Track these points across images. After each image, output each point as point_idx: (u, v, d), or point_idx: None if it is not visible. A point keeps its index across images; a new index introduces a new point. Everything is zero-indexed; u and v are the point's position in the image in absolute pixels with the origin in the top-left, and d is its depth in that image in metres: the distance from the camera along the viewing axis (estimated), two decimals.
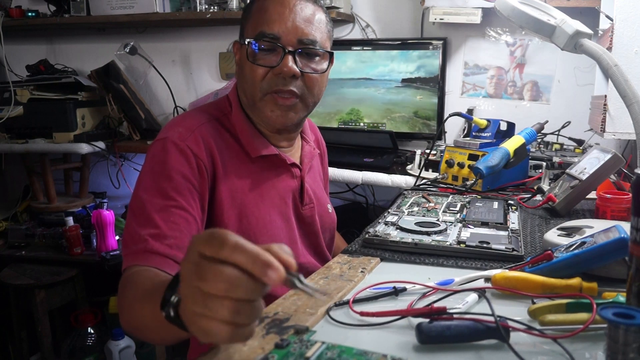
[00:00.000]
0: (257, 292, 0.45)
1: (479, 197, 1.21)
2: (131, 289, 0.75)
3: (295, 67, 0.96)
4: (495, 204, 1.11)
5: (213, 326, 0.45)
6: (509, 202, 1.14)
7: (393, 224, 0.97)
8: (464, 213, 1.05)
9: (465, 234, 0.91)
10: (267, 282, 0.44)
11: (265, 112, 0.99)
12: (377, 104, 2.11)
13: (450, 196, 1.21)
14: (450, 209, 1.08)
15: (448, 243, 0.86)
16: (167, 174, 0.90)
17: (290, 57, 0.95)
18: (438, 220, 0.98)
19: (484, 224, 0.97)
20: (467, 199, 1.17)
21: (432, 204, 1.12)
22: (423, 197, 1.19)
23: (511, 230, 0.93)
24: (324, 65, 1.01)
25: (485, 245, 0.84)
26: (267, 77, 0.97)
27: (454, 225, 0.96)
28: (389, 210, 1.09)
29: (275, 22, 0.96)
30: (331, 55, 1.02)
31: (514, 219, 1.00)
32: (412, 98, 2.05)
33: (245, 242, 0.45)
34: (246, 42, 0.97)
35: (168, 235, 0.84)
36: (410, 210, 1.08)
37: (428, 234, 0.90)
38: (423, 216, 1.03)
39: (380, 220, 1.00)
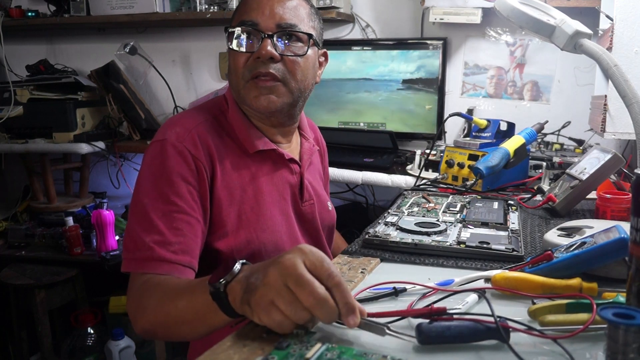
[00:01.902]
0: (332, 319, 0.55)
1: (479, 197, 1.21)
2: (155, 290, 0.80)
3: (273, 50, 0.96)
4: (495, 204, 1.11)
5: (284, 321, 0.55)
6: (509, 202, 1.14)
7: (393, 224, 0.97)
8: (464, 213, 1.05)
9: (465, 234, 0.91)
10: (345, 324, 0.55)
11: (249, 99, 0.99)
12: (380, 116, 2.10)
13: (450, 196, 1.21)
14: (450, 209, 1.08)
15: (448, 243, 0.86)
16: (167, 177, 0.90)
17: (268, 41, 0.96)
18: (438, 220, 0.98)
19: (484, 224, 0.97)
20: (467, 199, 1.17)
21: (432, 204, 1.12)
22: (423, 197, 1.19)
23: (511, 230, 0.93)
24: (305, 49, 1.00)
25: (485, 245, 0.84)
26: (248, 63, 0.98)
27: (454, 226, 0.96)
28: (389, 210, 1.09)
29: (254, 10, 0.98)
30: (310, 37, 1.00)
31: (514, 219, 1.00)
32: (420, 108, 2.04)
33: (343, 281, 0.56)
34: (227, 33, 0.99)
35: (172, 242, 0.86)
36: (410, 210, 1.08)
37: (428, 234, 0.90)
38: (423, 216, 1.03)
39: (380, 221, 1.00)
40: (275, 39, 0.97)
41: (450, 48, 2.08)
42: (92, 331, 2.09)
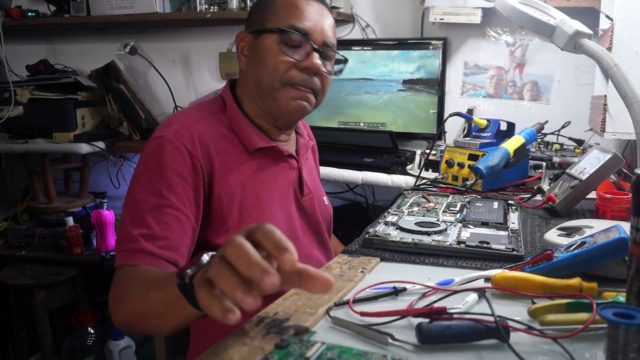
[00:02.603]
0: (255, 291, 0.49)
1: (479, 197, 1.21)
2: (133, 281, 0.79)
3: (321, 64, 1.01)
4: (495, 204, 1.11)
5: (215, 308, 0.50)
6: (509, 202, 1.14)
7: (393, 224, 0.97)
8: (464, 213, 1.05)
9: (465, 234, 0.91)
10: (264, 288, 0.48)
11: (282, 101, 1.01)
12: (380, 116, 2.10)
13: (450, 196, 1.21)
14: (450, 209, 1.08)
15: (448, 243, 0.86)
16: (161, 172, 0.90)
17: (316, 54, 1.00)
18: (438, 220, 0.98)
19: (484, 224, 0.97)
20: (467, 199, 1.17)
21: (432, 204, 1.12)
22: (423, 197, 1.19)
23: (511, 230, 0.93)
24: (334, 68, 1.08)
25: (485, 245, 0.84)
26: (291, 69, 1.00)
27: (454, 225, 0.96)
28: (389, 210, 1.09)
29: (307, 19, 1.00)
30: (343, 62, 1.11)
31: (514, 219, 1.00)
32: (421, 110, 2.03)
33: (247, 247, 0.49)
34: (276, 30, 0.99)
35: (159, 237, 0.86)
36: (410, 210, 1.08)
37: (428, 234, 0.90)
38: (423, 216, 1.03)
39: (380, 220, 1.00)
40: (320, 54, 1.01)
41: (450, 48, 2.08)
42: (92, 331, 2.09)
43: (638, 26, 1.22)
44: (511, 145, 1.28)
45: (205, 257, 0.58)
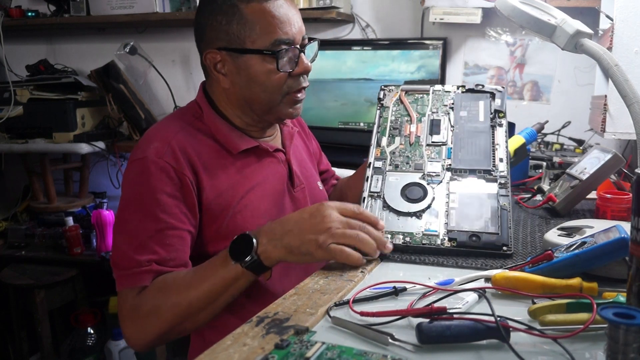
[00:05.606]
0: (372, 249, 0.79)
1: (462, 91, 1.10)
2: (170, 290, 0.85)
3: (308, 62, 1.00)
4: (481, 109, 1.05)
5: (347, 251, 0.77)
6: (495, 99, 1.06)
7: (378, 195, 0.94)
8: (449, 144, 1.00)
9: (453, 203, 0.90)
10: (384, 250, 0.82)
11: (284, 111, 1.02)
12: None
13: (431, 92, 1.12)
14: (434, 138, 1.02)
15: (439, 242, 0.85)
16: (153, 196, 0.90)
17: (303, 55, 0.99)
18: (423, 176, 0.96)
19: (472, 173, 0.95)
20: (450, 99, 1.09)
21: (413, 128, 1.05)
22: (400, 100, 1.13)
23: (500, 181, 0.92)
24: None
25: (474, 240, 0.84)
26: (287, 80, 0.99)
27: (441, 181, 0.94)
28: (370, 160, 1.04)
29: (286, 25, 0.96)
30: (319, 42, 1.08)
31: (500, 138, 0.98)
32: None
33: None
34: (264, 51, 0.95)
35: (168, 258, 0.89)
36: (392, 146, 1.04)
37: (417, 216, 0.89)
38: (407, 164, 0.99)
39: (365, 192, 0.96)
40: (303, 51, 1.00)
41: (450, 48, 2.08)
42: (92, 331, 2.09)
43: (638, 26, 1.22)
44: (511, 145, 1.28)
45: (254, 241, 0.82)
